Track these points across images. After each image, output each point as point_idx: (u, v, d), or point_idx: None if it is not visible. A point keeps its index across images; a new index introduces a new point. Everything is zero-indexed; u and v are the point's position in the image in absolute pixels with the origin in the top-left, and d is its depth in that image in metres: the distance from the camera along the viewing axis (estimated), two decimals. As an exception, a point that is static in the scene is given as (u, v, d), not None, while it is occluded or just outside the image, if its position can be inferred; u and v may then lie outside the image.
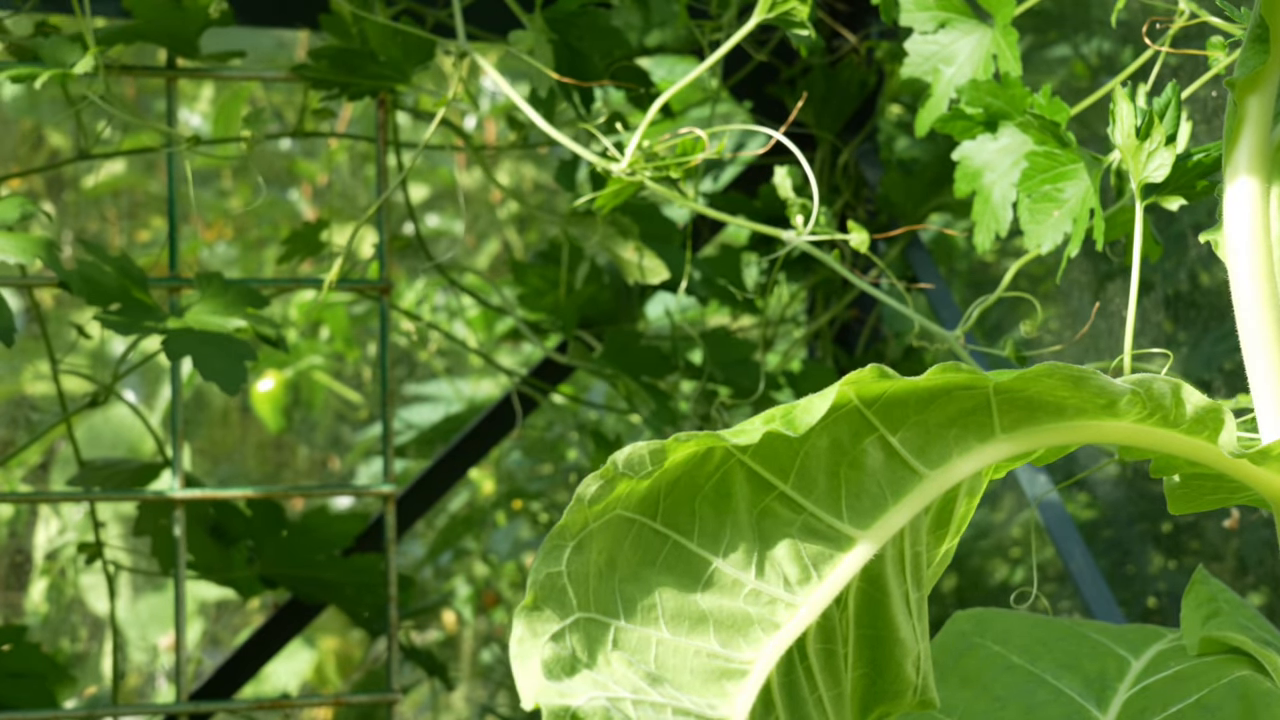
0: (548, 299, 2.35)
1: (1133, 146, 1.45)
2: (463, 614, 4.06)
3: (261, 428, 4.16)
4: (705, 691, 0.91)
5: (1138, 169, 1.45)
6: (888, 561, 0.94)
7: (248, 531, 2.15)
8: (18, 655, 2.02)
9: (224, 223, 4.30)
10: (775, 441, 0.92)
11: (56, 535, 3.77)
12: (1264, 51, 1.01)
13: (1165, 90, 1.45)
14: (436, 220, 4.42)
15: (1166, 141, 1.44)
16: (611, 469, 0.91)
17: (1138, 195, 1.47)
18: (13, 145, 3.87)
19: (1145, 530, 2.44)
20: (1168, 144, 1.44)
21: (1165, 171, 1.45)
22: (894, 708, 0.98)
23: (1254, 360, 1.01)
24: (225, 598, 3.95)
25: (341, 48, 1.94)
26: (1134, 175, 1.46)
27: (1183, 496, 1.05)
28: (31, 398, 3.76)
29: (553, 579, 0.90)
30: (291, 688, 3.95)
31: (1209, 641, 1.30)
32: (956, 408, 0.95)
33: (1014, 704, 1.30)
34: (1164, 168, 1.45)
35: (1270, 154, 1.02)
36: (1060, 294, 2.44)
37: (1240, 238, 1.01)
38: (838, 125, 2.40)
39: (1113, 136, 1.46)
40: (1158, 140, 1.44)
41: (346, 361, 4.17)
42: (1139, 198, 1.47)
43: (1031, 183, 1.59)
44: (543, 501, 3.82)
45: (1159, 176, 1.45)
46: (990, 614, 1.39)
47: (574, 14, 1.92)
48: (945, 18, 1.72)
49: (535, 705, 0.89)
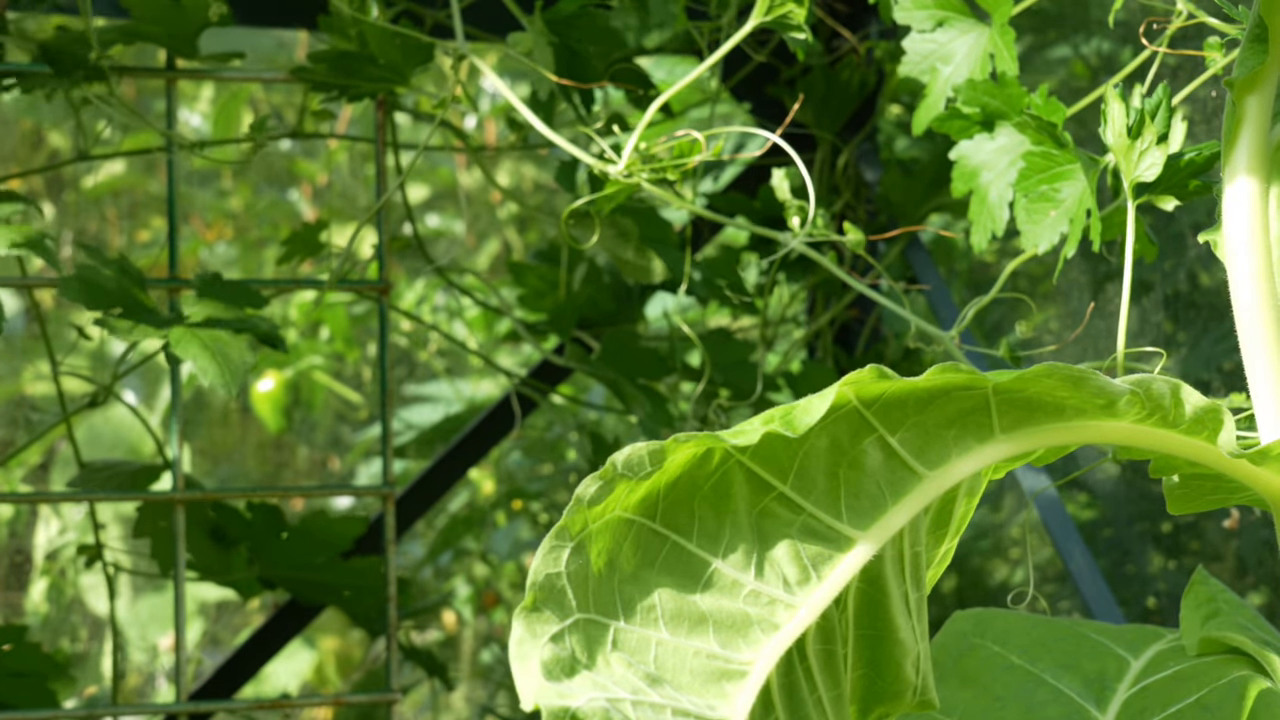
0: (547, 299, 2.34)
1: (1124, 146, 1.45)
2: (463, 614, 4.06)
3: (261, 428, 4.16)
4: (705, 692, 0.91)
5: (1129, 168, 1.45)
6: (887, 562, 0.94)
7: (247, 534, 2.15)
8: (18, 655, 2.02)
9: (224, 223, 4.30)
10: (774, 442, 0.92)
11: (56, 535, 3.78)
12: (1262, 51, 1.01)
13: (1156, 91, 1.45)
14: (436, 220, 4.42)
15: (1158, 141, 1.44)
16: (611, 470, 0.91)
17: (1129, 195, 1.47)
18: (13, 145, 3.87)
19: (1145, 530, 2.44)
20: (1159, 143, 1.44)
21: (1157, 171, 1.45)
22: (894, 708, 0.98)
23: (1253, 360, 1.01)
24: (225, 598, 3.95)
25: (340, 51, 1.94)
26: (1126, 175, 1.46)
27: (1182, 496, 1.05)
28: (31, 398, 3.76)
29: (552, 580, 0.90)
30: (291, 688, 3.95)
31: (1208, 642, 1.30)
32: (956, 408, 0.95)
33: (1014, 704, 1.30)
34: (1155, 167, 1.45)
35: (1269, 154, 1.02)
36: (1059, 294, 2.44)
37: (1239, 238, 1.01)
38: (837, 125, 2.40)
39: (1104, 136, 1.46)
40: (1149, 140, 1.44)
41: (346, 361, 4.17)
42: (1131, 197, 1.47)
43: (1028, 183, 1.59)
44: (543, 502, 3.82)
45: (1150, 176, 1.45)
46: (990, 614, 1.39)
47: (573, 15, 1.92)
48: (943, 16, 1.72)
49: (535, 706, 0.89)
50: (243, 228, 4.29)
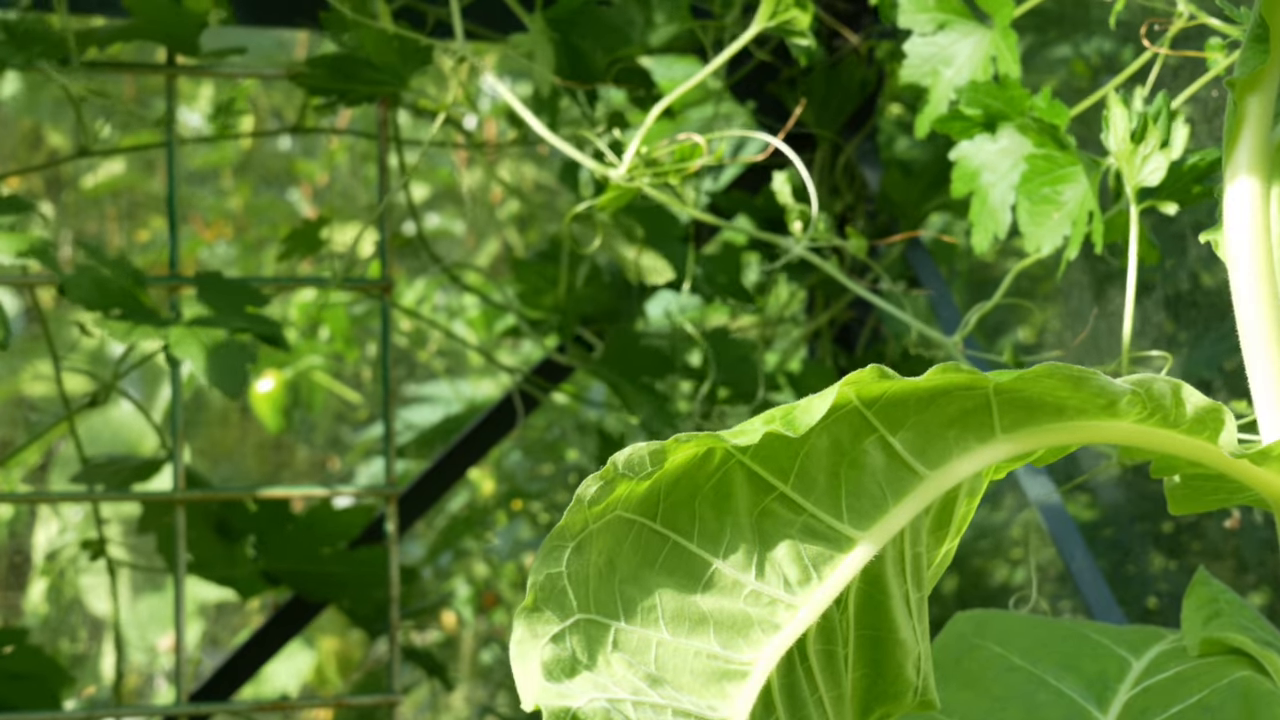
0: (548, 298, 2.34)
1: (1127, 151, 1.45)
2: (463, 614, 4.07)
3: (261, 428, 4.16)
4: (705, 693, 0.91)
5: (1132, 174, 1.45)
6: (888, 562, 0.94)
7: (252, 526, 2.15)
8: (19, 657, 2.02)
9: (224, 222, 4.30)
10: (775, 442, 0.92)
11: (56, 536, 3.77)
12: (1264, 51, 1.01)
13: (1157, 98, 1.45)
14: (437, 219, 4.42)
15: (1161, 145, 1.44)
16: (611, 470, 0.90)
17: (1132, 199, 1.46)
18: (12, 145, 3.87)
19: (1146, 530, 2.44)
20: (1162, 148, 1.44)
21: (1160, 175, 1.45)
22: (894, 709, 0.98)
23: (1254, 360, 1.01)
24: (225, 599, 3.95)
25: (339, 55, 1.94)
26: (1129, 180, 1.45)
27: (1183, 497, 1.04)
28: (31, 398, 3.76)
29: (552, 580, 0.90)
30: (291, 688, 3.95)
31: (1210, 642, 1.30)
32: (957, 408, 0.94)
33: (1015, 705, 1.30)
34: (1159, 172, 1.45)
35: (1270, 154, 1.02)
36: (1062, 295, 2.43)
37: (1240, 238, 1.01)
38: (838, 125, 2.40)
39: (1106, 142, 1.46)
40: (1152, 144, 1.44)
41: (346, 361, 4.17)
42: (1134, 202, 1.47)
43: (1031, 185, 1.59)
44: (543, 501, 3.82)
45: (1154, 181, 1.45)
46: (991, 615, 1.39)
47: (575, 13, 1.92)
48: (944, 19, 1.72)
49: (535, 706, 0.89)
50: (242, 227, 4.30)
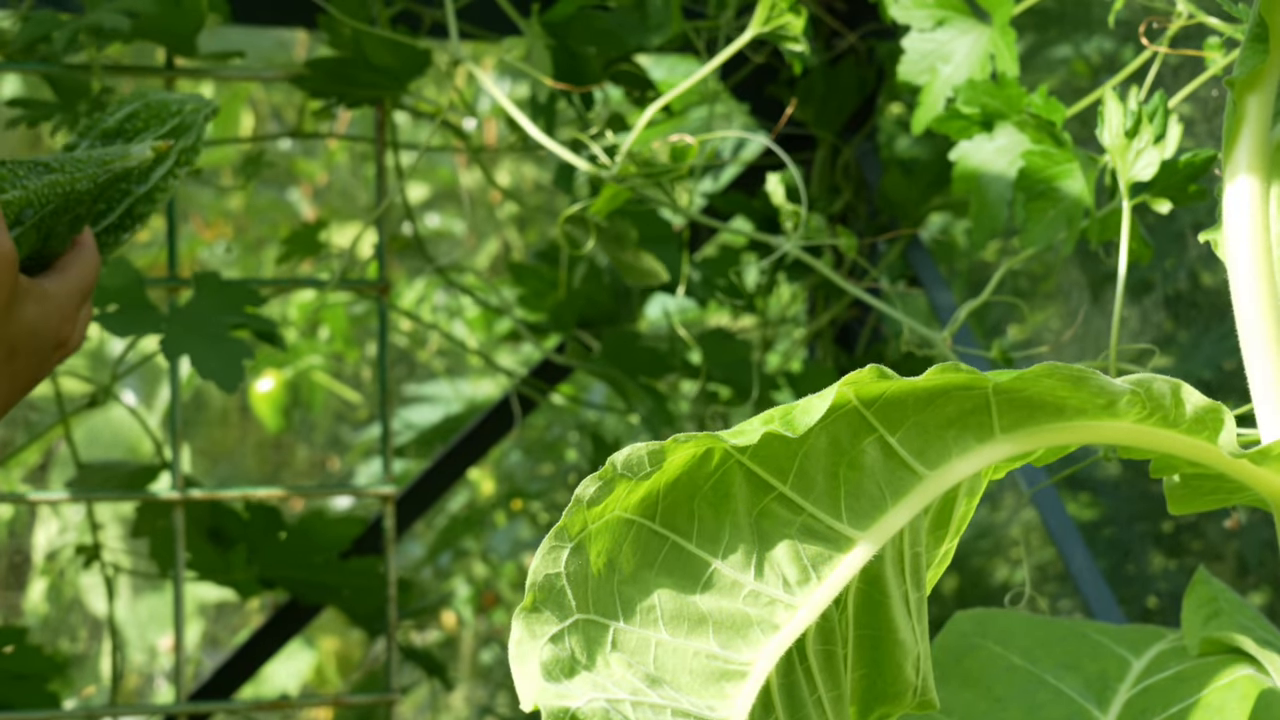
0: (547, 299, 2.34)
1: (1121, 146, 1.45)
2: (462, 614, 4.07)
3: (261, 428, 4.17)
4: (705, 693, 0.91)
5: (1125, 168, 1.45)
6: (887, 562, 0.94)
7: (245, 535, 2.15)
8: (19, 657, 2.02)
9: (224, 222, 4.30)
10: (774, 442, 0.92)
11: (56, 536, 3.78)
12: (1263, 51, 1.01)
13: (1154, 96, 1.45)
14: (436, 220, 4.42)
15: (1155, 141, 1.44)
16: (610, 470, 0.90)
17: (1125, 195, 1.46)
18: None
19: (1145, 530, 2.44)
20: (1156, 143, 1.44)
21: (1153, 170, 1.45)
22: (894, 708, 0.98)
23: (1254, 360, 1.01)
24: (225, 599, 3.95)
25: (337, 58, 1.94)
26: (1121, 175, 1.45)
27: (1183, 496, 1.04)
28: (31, 398, 3.76)
29: (551, 580, 0.90)
30: (291, 688, 3.95)
31: (1210, 642, 1.30)
32: (956, 408, 0.94)
33: (1015, 704, 1.30)
34: (1151, 166, 1.45)
35: (1269, 153, 1.02)
36: (1060, 293, 2.43)
37: (1239, 237, 1.01)
38: (837, 124, 2.40)
39: (1100, 137, 1.46)
40: (1146, 140, 1.44)
41: (346, 361, 4.17)
42: (1126, 197, 1.47)
43: (1028, 182, 1.59)
44: (543, 501, 3.82)
45: (1146, 175, 1.45)
46: (991, 615, 1.39)
47: (571, 17, 1.92)
48: (943, 16, 1.72)
49: (534, 707, 0.89)
50: (242, 227, 4.30)
